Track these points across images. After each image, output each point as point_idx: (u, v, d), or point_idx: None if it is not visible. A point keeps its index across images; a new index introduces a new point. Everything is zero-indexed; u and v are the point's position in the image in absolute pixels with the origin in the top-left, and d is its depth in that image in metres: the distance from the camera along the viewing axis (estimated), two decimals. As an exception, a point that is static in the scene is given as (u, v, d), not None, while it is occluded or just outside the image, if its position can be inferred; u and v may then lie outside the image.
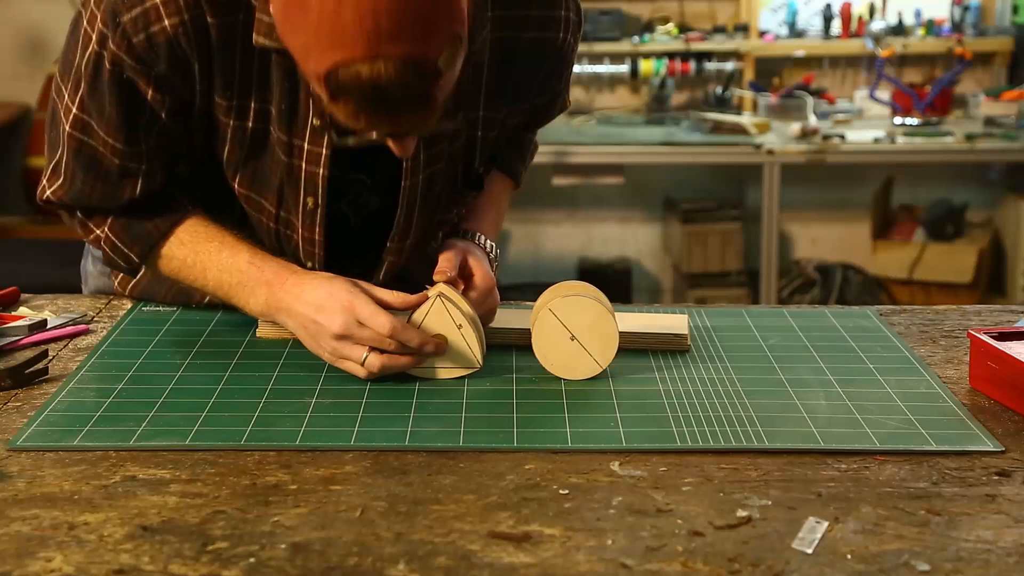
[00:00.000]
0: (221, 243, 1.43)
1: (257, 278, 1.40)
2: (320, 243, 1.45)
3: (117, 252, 1.47)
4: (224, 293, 1.43)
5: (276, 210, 1.45)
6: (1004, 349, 1.30)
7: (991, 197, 4.83)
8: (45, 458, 1.15)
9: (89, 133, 1.40)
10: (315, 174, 1.41)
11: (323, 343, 1.33)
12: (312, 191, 1.42)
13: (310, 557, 0.97)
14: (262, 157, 1.42)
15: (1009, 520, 1.04)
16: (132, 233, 1.45)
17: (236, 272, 1.41)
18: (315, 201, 1.42)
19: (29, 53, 4.73)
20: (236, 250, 1.42)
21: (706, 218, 4.73)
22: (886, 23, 4.86)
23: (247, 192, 1.45)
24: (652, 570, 0.95)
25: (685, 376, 1.37)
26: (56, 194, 1.45)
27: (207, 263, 1.43)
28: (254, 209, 1.47)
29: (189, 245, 1.44)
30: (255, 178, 1.44)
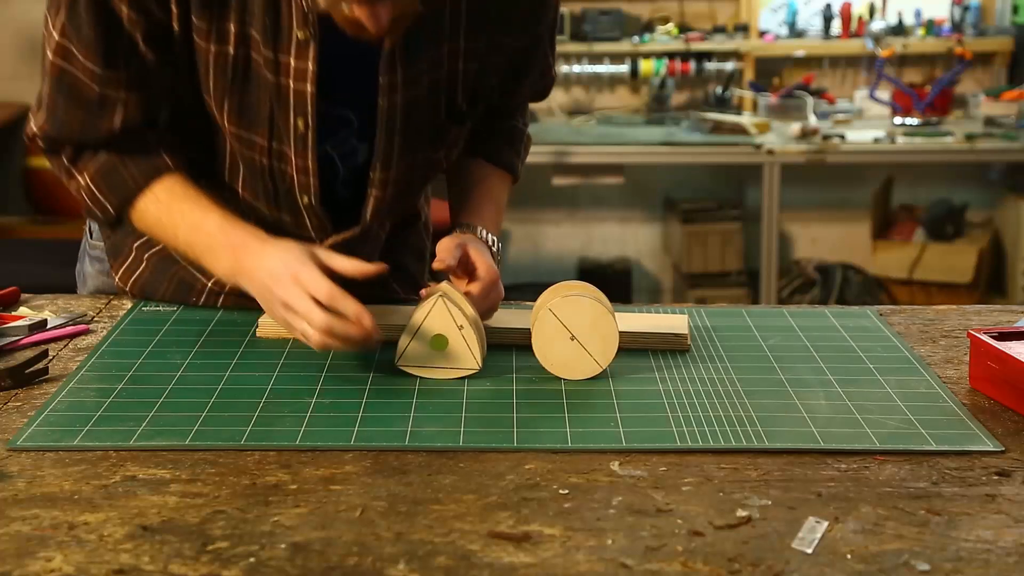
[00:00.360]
0: (194, 204, 1.44)
1: (224, 242, 1.41)
2: (314, 171, 1.45)
3: (95, 202, 1.48)
4: (193, 254, 1.45)
5: (268, 143, 1.44)
6: (1004, 349, 1.30)
7: (991, 197, 4.83)
8: (45, 458, 1.15)
9: (70, 59, 1.40)
10: (303, 92, 1.40)
11: (276, 311, 1.36)
12: (301, 111, 1.41)
13: (310, 557, 0.97)
14: (248, 87, 1.42)
15: (1009, 520, 1.04)
16: (110, 183, 1.47)
17: (205, 234, 1.43)
18: (305, 123, 1.42)
19: (29, 53, 4.73)
20: (208, 213, 1.43)
21: (706, 218, 4.73)
22: (886, 23, 4.86)
23: (237, 129, 1.45)
24: (652, 570, 0.95)
25: (685, 376, 1.37)
26: (41, 127, 1.47)
27: (179, 223, 1.44)
28: (246, 147, 1.46)
29: (164, 203, 1.45)
30: (243, 111, 1.43)
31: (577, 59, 4.90)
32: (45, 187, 4.46)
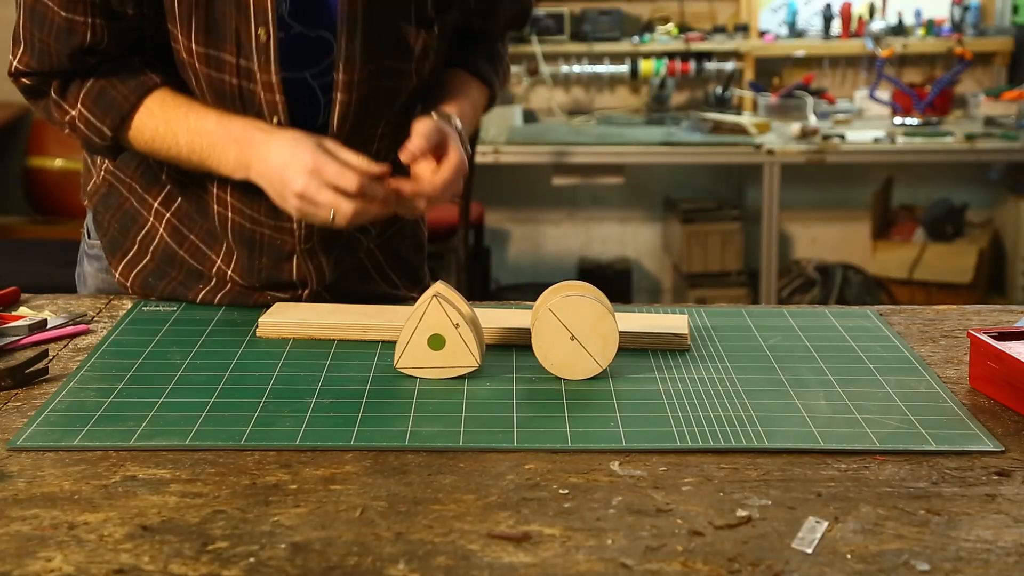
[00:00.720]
0: (189, 109, 1.45)
1: (226, 136, 1.42)
2: (278, 87, 1.44)
3: (90, 127, 1.48)
4: (197, 157, 1.46)
5: (236, 59, 1.44)
6: (1004, 349, 1.30)
7: (991, 197, 4.83)
8: (45, 458, 1.15)
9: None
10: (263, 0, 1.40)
11: (289, 200, 1.38)
12: (262, 19, 1.41)
13: (310, 557, 0.97)
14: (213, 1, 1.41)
15: (1009, 520, 1.04)
16: (102, 105, 1.47)
17: (205, 134, 1.43)
18: (267, 32, 1.41)
19: (29, 53, 4.73)
20: (203, 113, 1.45)
21: (706, 218, 4.74)
22: (886, 23, 4.86)
23: (204, 48, 1.44)
24: (652, 570, 0.95)
25: (685, 376, 1.37)
26: (22, 61, 1.47)
27: (177, 129, 1.45)
28: (214, 69, 1.45)
29: (159, 115, 1.46)
30: (209, 27, 1.43)
31: (577, 59, 4.91)
32: (45, 187, 4.46)
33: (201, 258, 1.60)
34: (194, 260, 1.60)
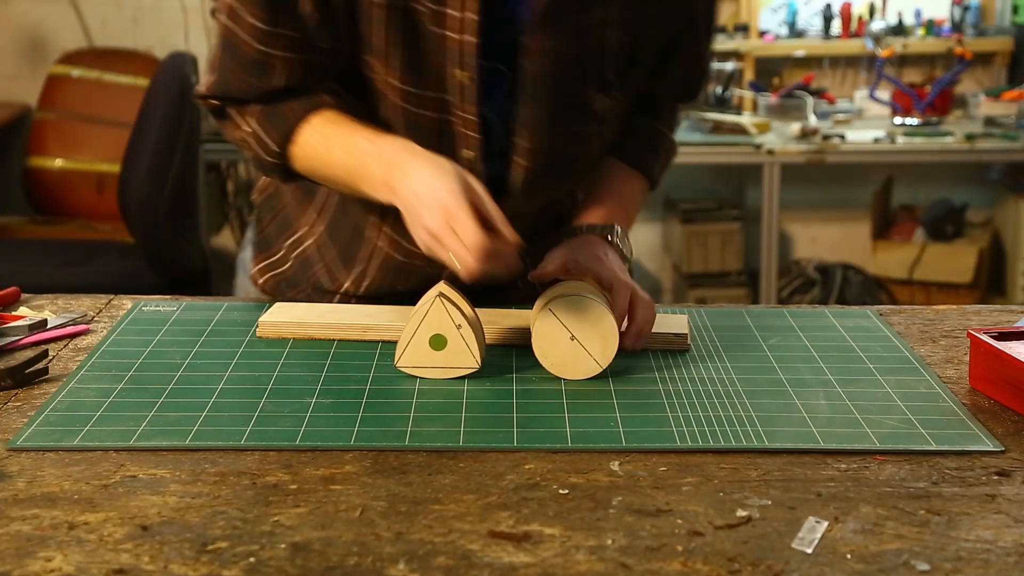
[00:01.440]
0: (351, 128, 1.42)
1: (376, 156, 1.38)
2: (475, 124, 1.43)
3: (260, 144, 1.46)
4: (348, 176, 1.42)
5: (439, 95, 1.43)
6: (1004, 349, 1.30)
7: (991, 197, 4.83)
8: (45, 458, 1.15)
9: (236, 19, 1.40)
10: (465, 43, 1.38)
11: (418, 232, 1.33)
12: (463, 63, 1.40)
13: (310, 557, 0.97)
14: (415, 39, 1.40)
15: (1009, 520, 1.04)
16: (273, 121, 1.45)
17: (357, 152, 1.40)
18: (469, 77, 1.40)
19: (29, 53, 4.73)
20: (357, 132, 1.41)
21: (706, 218, 4.73)
22: (886, 23, 4.86)
23: (404, 85, 1.42)
24: (652, 570, 0.95)
25: (685, 376, 1.37)
26: (207, 86, 1.47)
27: (333, 146, 1.42)
28: (413, 104, 1.44)
29: (321, 132, 1.43)
30: (411, 64, 1.41)
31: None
32: (45, 187, 4.46)
33: (332, 277, 1.61)
34: (325, 278, 1.61)
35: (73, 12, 4.73)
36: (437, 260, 1.33)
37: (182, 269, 3.73)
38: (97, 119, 4.47)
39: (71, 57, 4.57)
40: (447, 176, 1.32)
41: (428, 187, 1.31)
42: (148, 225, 3.59)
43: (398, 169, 1.35)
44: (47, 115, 4.49)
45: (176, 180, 3.65)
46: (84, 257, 3.82)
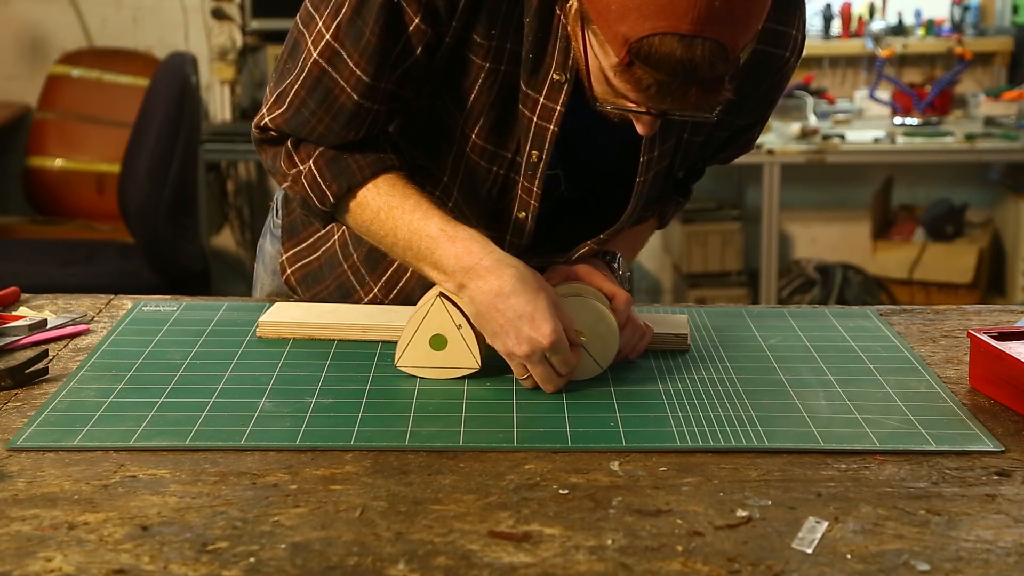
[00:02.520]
0: (417, 203, 1.38)
1: (448, 248, 1.34)
2: (537, 195, 1.43)
3: (315, 188, 1.41)
4: (413, 255, 1.38)
5: (513, 156, 1.42)
6: (1004, 349, 1.30)
7: (991, 197, 4.83)
8: (45, 458, 1.15)
9: (335, 64, 1.36)
10: (545, 129, 1.38)
11: (501, 344, 1.31)
12: (538, 146, 1.39)
13: (310, 557, 0.97)
14: (507, 105, 1.39)
15: (1009, 520, 1.04)
16: (335, 170, 1.40)
17: (426, 237, 1.36)
18: (539, 155, 1.40)
19: (29, 53, 4.73)
20: (430, 214, 1.37)
21: (706, 218, 4.73)
22: (886, 23, 4.86)
23: (484, 143, 1.42)
24: (652, 570, 0.95)
25: (685, 376, 1.37)
26: (275, 121, 1.41)
27: (399, 221, 1.38)
28: (486, 160, 1.43)
29: (385, 196, 1.39)
30: (496, 127, 1.40)
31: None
32: (45, 187, 4.46)
33: (356, 282, 1.60)
34: (350, 279, 1.60)
35: (73, 12, 4.73)
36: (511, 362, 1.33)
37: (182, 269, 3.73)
38: (97, 119, 4.47)
39: (71, 57, 4.57)
40: (540, 293, 1.31)
41: (522, 311, 1.29)
42: (148, 225, 3.59)
43: (478, 275, 1.32)
44: (47, 115, 4.49)
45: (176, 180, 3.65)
46: (84, 257, 3.82)
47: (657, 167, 1.44)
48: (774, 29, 1.41)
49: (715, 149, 1.55)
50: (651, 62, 1.14)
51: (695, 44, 1.12)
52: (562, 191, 1.50)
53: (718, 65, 1.15)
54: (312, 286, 1.63)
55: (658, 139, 1.40)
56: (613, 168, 1.47)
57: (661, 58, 1.13)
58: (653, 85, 1.17)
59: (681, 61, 1.13)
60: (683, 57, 1.13)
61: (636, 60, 1.15)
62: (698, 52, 1.13)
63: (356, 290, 1.60)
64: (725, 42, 1.13)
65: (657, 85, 1.17)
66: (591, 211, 1.50)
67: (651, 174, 1.43)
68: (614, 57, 1.17)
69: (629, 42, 1.14)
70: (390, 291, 1.58)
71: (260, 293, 1.74)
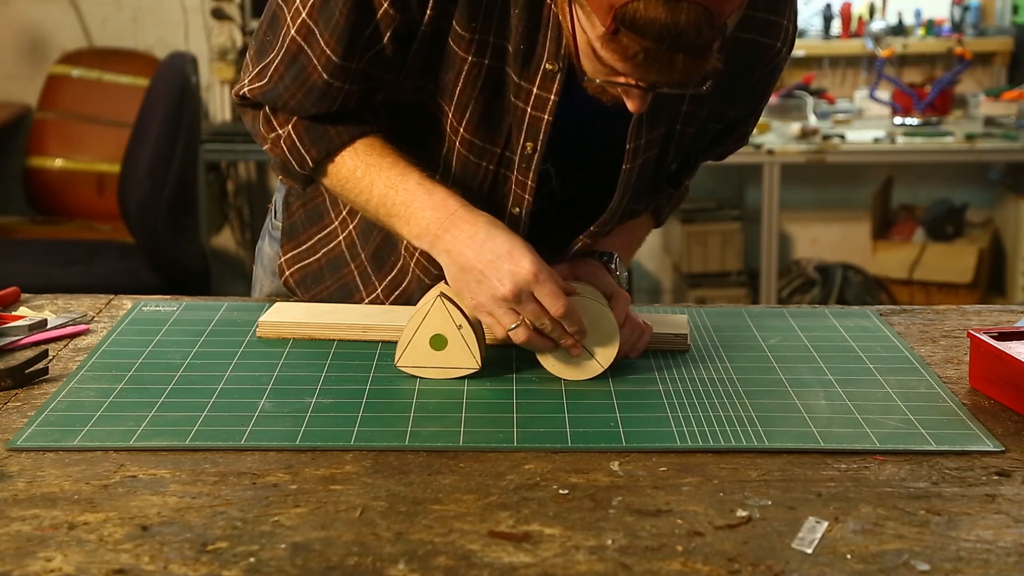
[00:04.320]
0: (395, 161, 1.41)
1: (425, 200, 1.37)
2: (532, 189, 1.43)
3: (294, 153, 1.44)
4: (385, 211, 1.40)
5: (502, 152, 1.42)
6: (1004, 349, 1.30)
7: (991, 197, 4.83)
8: (45, 458, 1.15)
9: (310, 41, 1.38)
10: (539, 119, 1.38)
11: (475, 294, 1.32)
12: (533, 137, 1.40)
13: (310, 557, 0.97)
14: (495, 100, 1.40)
15: (1009, 520, 1.04)
16: (314, 135, 1.43)
17: (403, 191, 1.38)
18: (534, 147, 1.40)
19: (29, 53, 4.73)
20: (407, 171, 1.40)
21: (706, 218, 4.73)
22: (886, 23, 4.86)
23: (472, 137, 1.42)
24: (652, 570, 0.95)
25: (685, 376, 1.37)
26: (253, 92, 1.43)
27: (375, 177, 1.40)
28: (475, 155, 1.43)
29: (363, 156, 1.42)
30: (483, 121, 1.41)
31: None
32: (45, 187, 4.46)
33: (361, 282, 1.60)
34: (355, 280, 1.60)
35: (73, 12, 4.73)
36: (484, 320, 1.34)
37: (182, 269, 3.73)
38: (97, 119, 4.48)
39: (71, 57, 4.57)
40: (516, 238, 1.33)
41: (504, 250, 1.31)
42: (148, 225, 3.59)
43: (448, 226, 1.34)
44: (47, 115, 4.49)
45: (176, 180, 3.66)
46: (84, 257, 3.82)
47: (645, 155, 1.44)
48: (765, 19, 1.41)
49: (709, 142, 1.55)
50: (636, 27, 1.14)
51: (679, 8, 1.12)
52: (553, 187, 1.50)
53: (704, 31, 1.15)
54: (312, 287, 1.63)
55: (645, 127, 1.40)
56: (604, 162, 1.46)
57: (646, 23, 1.13)
58: (640, 52, 1.17)
59: (666, 26, 1.13)
60: (668, 22, 1.13)
61: (621, 27, 1.15)
62: (683, 17, 1.13)
63: (359, 290, 1.60)
64: (710, 7, 1.14)
65: (644, 52, 1.17)
66: (583, 209, 1.50)
67: (638, 162, 1.43)
68: (600, 27, 1.17)
69: (614, 8, 1.14)
70: (393, 291, 1.58)
71: (259, 294, 1.74)
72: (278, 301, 1.61)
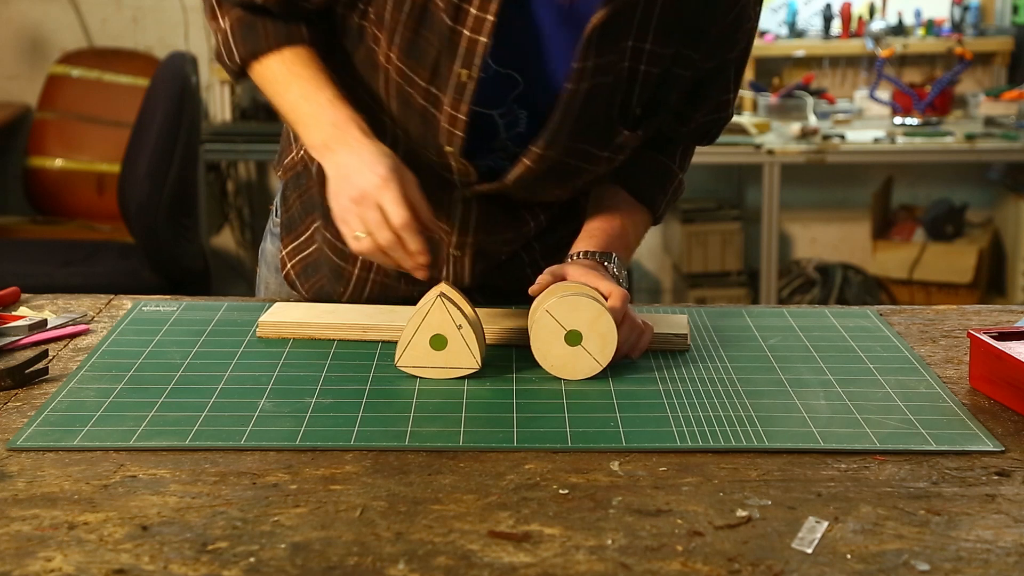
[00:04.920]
0: (315, 74, 1.46)
1: (330, 116, 1.43)
2: (463, 123, 1.43)
3: (226, 47, 1.50)
4: (294, 117, 1.47)
5: (428, 85, 1.43)
6: (1004, 349, 1.30)
7: (991, 197, 4.83)
8: (45, 458, 1.15)
9: None
10: (476, 42, 1.39)
11: (340, 201, 1.38)
12: (468, 62, 1.40)
13: (310, 557, 0.97)
14: (422, 27, 1.41)
15: (1009, 520, 1.04)
16: (246, 34, 1.48)
17: (315, 105, 1.44)
18: (468, 75, 1.41)
19: (29, 53, 4.73)
20: (323, 86, 1.45)
21: (706, 218, 4.73)
22: (886, 23, 4.86)
23: (400, 64, 1.44)
24: (652, 570, 0.95)
25: (685, 376, 1.37)
26: None
27: (292, 84, 1.46)
28: (406, 82, 1.45)
29: (287, 64, 1.47)
30: (411, 48, 1.42)
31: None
32: (45, 187, 4.46)
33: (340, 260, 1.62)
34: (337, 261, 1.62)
35: (73, 12, 4.73)
36: (341, 230, 1.38)
37: (182, 269, 3.73)
38: (97, 119, 4.47)
39: (71, 57, 4.57)
40: (390, 161, 1.38)
41: (367, 160, 1.37)
42: (148, 225, 3.59)
43: (342, 140, 1.41)
44: (47, 115, 4.49)
45: (176, 180, 3.65)
46: (84, 257, 3.82)
47: (593, 81, 1.42)
48: None
49: (684, 102, 1.53)
50: None
51: None
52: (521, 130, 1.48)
53: None
54: (311, 276, 1.65)
55: (595, 50, 1.40)
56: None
57: None
58: None
59: None
60: None
61: None
62: None
63: (344, 267, 1.61)
64: None
65: None
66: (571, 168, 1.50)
67: (584, 86, 1.42)
68: None
69: None
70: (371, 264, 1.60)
71: (264, 294, 1.74)
72: (278, 301, 1.62)
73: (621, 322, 1.39)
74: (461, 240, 1.55)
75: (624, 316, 1.40)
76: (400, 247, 1.36)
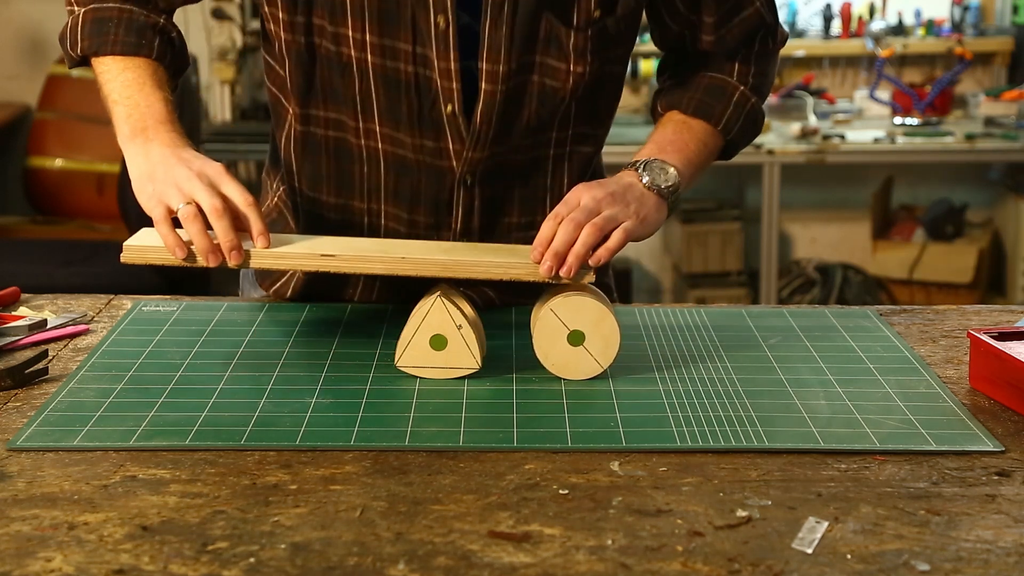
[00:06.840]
0: (147, 82, 1.47)
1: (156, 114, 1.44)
2: (456, 74, 1.42)
3: (72, 35, 1.50)
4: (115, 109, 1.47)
5: (412, 47, 1.42)
6: (1004, 349, 1.30)
7: (991, 197, 4.83)
8: (45, 458, 1.15)
9: None
10: None
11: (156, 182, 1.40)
12: (441, 7, 1.39)
13: (310, 557, 0.97)
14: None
15: (1009, 520, 1.04)
16: (94, 29, 1.50)
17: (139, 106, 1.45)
18: (445, 19, 1.40)
19: (29, 53, 4.73)
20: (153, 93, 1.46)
21: (706, 218, 4.73)
22: (886, 23, 4.86)
23: (379, 39, 1.42)
24: (652, 570, 0.95)
25: (685, 376, 1.37)
26: None
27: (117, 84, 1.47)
28: (389, 59, 1.43)
29: (124, 71, 1.48)
30: (384, 17, 1.41)
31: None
32: (45, 187, 4.46)
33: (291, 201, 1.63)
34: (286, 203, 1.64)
35: (73, 12, 4.72)
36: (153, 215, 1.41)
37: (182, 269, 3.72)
38: (97, 119, 4.47)
39: (71, 57, 4.56)
40: (203, 157, 1.41)
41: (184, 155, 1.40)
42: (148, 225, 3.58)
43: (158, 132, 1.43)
44: (47, 115, 4.49)
45: (176, 180, 3.65)
46: (84, 257, 3.82)
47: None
48: None
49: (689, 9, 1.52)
50: None
51: None
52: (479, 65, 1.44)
53: None
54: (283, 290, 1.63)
55: None
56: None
57: None
58: None
59: None
60: None
61: None
62: None
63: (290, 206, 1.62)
64: None
65: None
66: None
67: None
68: None
69: None
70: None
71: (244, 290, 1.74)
72: (270, 299, 1.61)
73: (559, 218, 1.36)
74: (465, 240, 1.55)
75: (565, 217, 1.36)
76: (205, 238, 1.36)
